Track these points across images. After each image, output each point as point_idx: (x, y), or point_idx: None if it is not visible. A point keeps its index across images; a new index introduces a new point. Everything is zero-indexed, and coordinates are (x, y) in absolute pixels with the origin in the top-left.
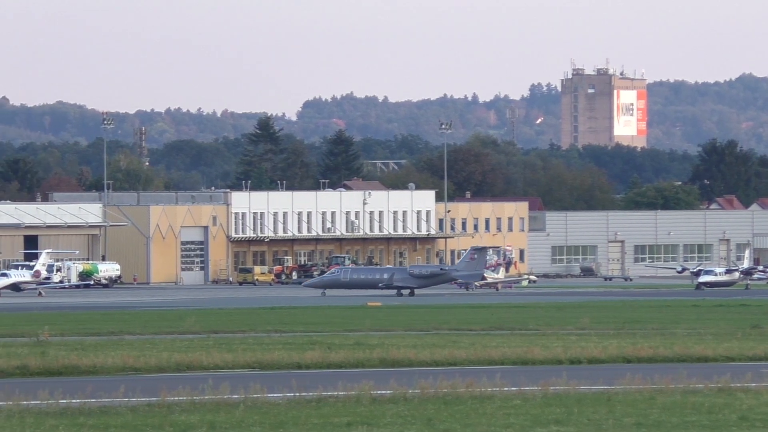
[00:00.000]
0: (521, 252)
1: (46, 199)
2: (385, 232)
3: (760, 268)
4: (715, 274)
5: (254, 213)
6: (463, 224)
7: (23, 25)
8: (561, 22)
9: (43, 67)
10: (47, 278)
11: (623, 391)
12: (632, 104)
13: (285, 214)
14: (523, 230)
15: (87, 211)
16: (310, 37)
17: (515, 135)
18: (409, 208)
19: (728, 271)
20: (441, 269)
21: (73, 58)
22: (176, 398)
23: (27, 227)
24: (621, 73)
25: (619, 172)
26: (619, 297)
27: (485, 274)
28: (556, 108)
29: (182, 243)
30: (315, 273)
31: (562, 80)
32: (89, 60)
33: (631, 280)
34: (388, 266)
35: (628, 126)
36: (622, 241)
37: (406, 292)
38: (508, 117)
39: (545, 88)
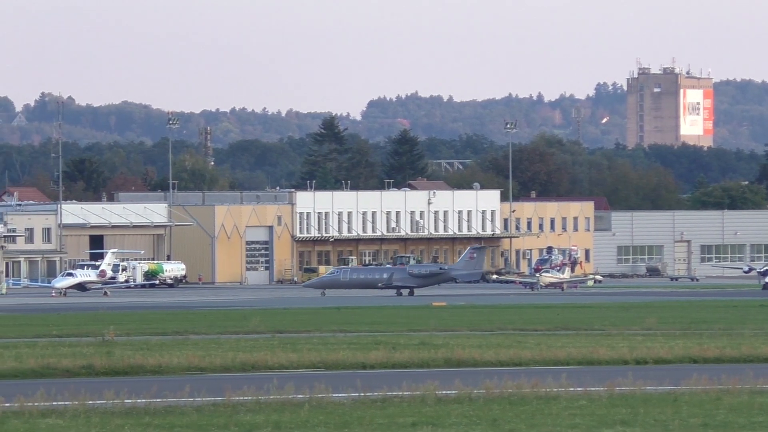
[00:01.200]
0: (587, 252)
1: (111, 199)
2: (450, 232)
3: None
4: None
5: (319, 213)
6: (528, 224)
7: (89, 26)
8: (627, 21)
9: (109, 68)
10: (113, 278)
11: (689, 391)
12: (698, 103)
13: (349, 213)
14: (588, 230)
15: (152, 211)
16: (375, 36)
17: (581, 134)
18: (473, 208)
19: None
20: (440, 269)
21: (139, 58)
22: (241, 398)
23: (92, 227)
24: (687, 72)
25: (685, 171)
26: (686, 297)
27: (551, 274)
28: (621, 107)
29: (247, 243)
30: None
31: (628, 79)
32: (155, 60)
33: (697, 280)
34: (387, 266)
35: (694, 125)
36: (689, 241)
37: (405, 292)
38: (573, 116)
39: (611, 88)
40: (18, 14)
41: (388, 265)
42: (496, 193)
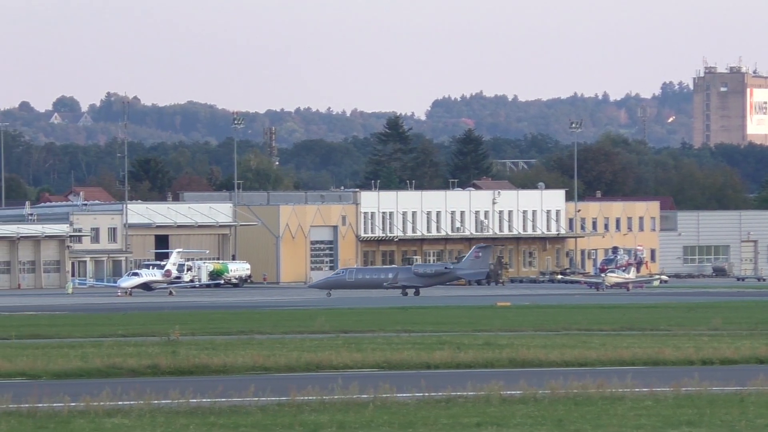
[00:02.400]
0: (652, 252)
1: (176, 198)
2: (515, 232)
3: None
4: None
5: (383, 212)
6: (594, 224)
7: (154, 26)
8: (693, 20)
9: (174, 68)
10: (178, 278)
11: (756, 392)
12: (765, 102)
13: (414, 213)
14: (654, 230)
15: (217, 211)
16: (439, 36)
17: (646, 134)
18: (538, 208)
19: None
20: (446, 268)
21: (204, 58)
22: (306, 398)
23: (158, 227)
24: (754, 71)
25: (752, 171)
26: (752, 297)
27: (617, 275)
28: (688, 107)
29: (311, 242)
30: None
31: (694, 78)
32: (219, 60)
33: (764, 280)
34: (392, 266)
35: (761, 125)
36: (755, 241)
37: (411, 291)
38: (639, 116)
39: (677, 87)
40: (83, 15)
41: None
42: (561, 193)
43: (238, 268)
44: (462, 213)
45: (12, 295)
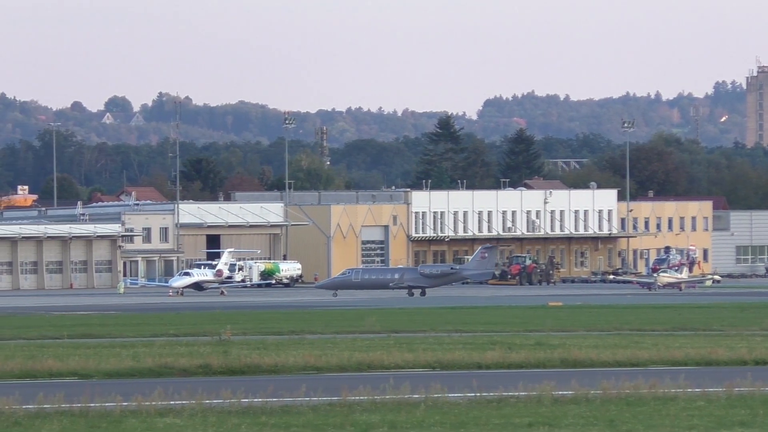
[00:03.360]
0: (705, 252)
1: (228, 198)
2: (567, 232)
3: None
4: None
5: (434, 212)
6: (646, 223)
7: (205, 26)
8: (746, 19)
9: (226, 68)
10: (229, 277)
11: None
12: None
13: (465, 213)
14: (706, 230)
15: (268, 211)
16: (490, 36)
17: (699, 133)
18: (590, 208)
19: None
20: (452, 268)
21: (255, 58)
22: (357, 398)
23: (209, 227)
24: None
25: None
26: None
27: (669, 274)
28: (741, 106)
29: (363, 242)
30: (495, 272)
31: (747, 78)
32: (271, 60)
33: None
34: (398, 266)
35: None
36: None
37: (417, 292)
38: (692, 115)
39: (730, 86)
40: (136, 15)
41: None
42: (613, 193)
43: (289, 268)
44: (513, 213)
45: (64, 295)
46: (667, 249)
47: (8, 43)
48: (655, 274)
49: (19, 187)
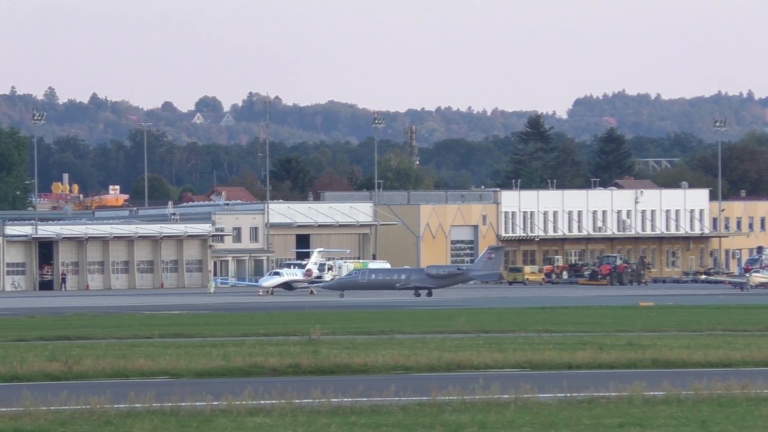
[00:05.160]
0: None
1: (317, 198)
2: (658, 232)
3: None
4: None
5: (524, 212)
6: (738, 223)
7: (295, 27)
8: None
9: (315, 68)
10: (319, 277)
11: None
12: None
13: (555, 213)
14: None
15: (358, 210)
16: (581, 35)
17: None
18: (682, 207)
19: None
20: (458, 269)
21: (345, 58)
22: (447, 398)
23: (299, 226)
24: None
25: None
26: None
27: (762, 274)
28: None
29: (452, 242)
30: (585, 272)
31: None
32: (360, 59)
33: None
34: (405, 267)
35: None
36: None
37: (424, 292)
38: None
39: None
40: (226, 16)
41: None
42: (704, 192)
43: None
44: (604, 212)
45: (155, 295)
46: (760, 249)
47: (100, 44)
48: (747, 274)
49: (111, 186)
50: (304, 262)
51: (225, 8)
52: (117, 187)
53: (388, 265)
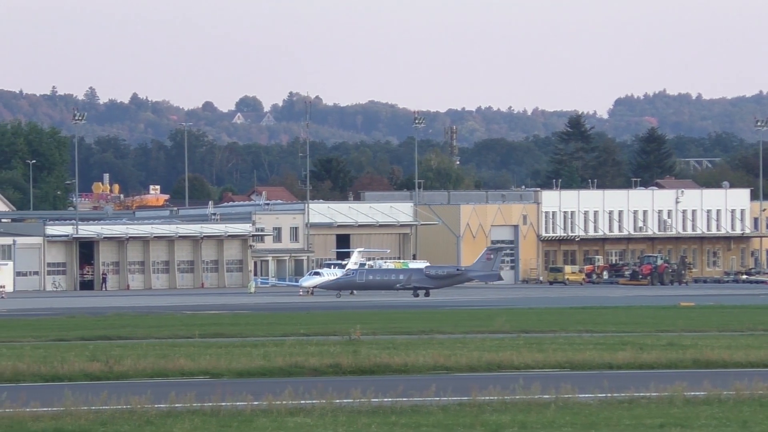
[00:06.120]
0: None
1: (357, 198)
2: (698, 232)
3: None
4: None
5: (564, 212)
6: None
7: (334, 27)
8: None
9: (356, 67)
10: None
11: None
12: None
13: (596, 213)
14: None
15: (398, 210)
16: (621, 34)
17: None
18: (723, 207)
19: None
20: (457, 270)
21: (384, 58)
22: (487, 398)
23: (339, 226)
24: None
25: None
26: None
27: None
28: None
29: (492, 242)
30: (626, 272)
31: None
32: (400, 59)
33: None
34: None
35: None
36: None
37: (422, 293)
38: None
39: None
40: (266, 16)
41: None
42: (746, 192)
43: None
44: (644, 212)
45: (195, 294)
46: None
47: (141, 44)
48: None
49: (151, 186)
50: (344, 262)
51: (266, 9)
52: (157, 187)
53: (427, 266)
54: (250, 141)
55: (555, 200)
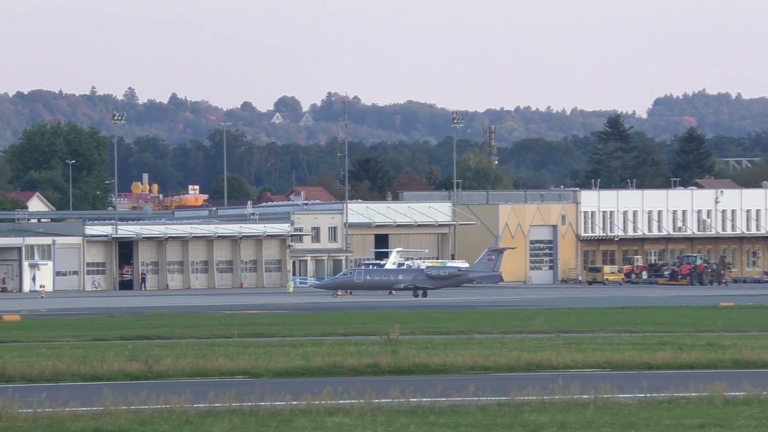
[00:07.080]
0: None
1: (396, 197)
2: (738, 231)
3: None
4: None
5: (603, 212)
6: None
7: (373, 27)
8: None
9: (394, 67)
10: None
11: None
12: None
13: (635, 212)
14: None
15: (436, 210)
16: (661, 34)
17: None
18: (762, 207)
19: None
20: (458, 270)
21: (423, 57)
22: (526, 398)
23: (377, 226)
24: None
25: None
26: None
27: None
28: None
29: (531, 242)
30: (665, 272)
31: None
32: (439, 59)
33: None
34: (404, 267)
35: None
36: None
37: (420, 293)
38: None
39: None
40: (305, 16)
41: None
42: None
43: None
44: (684, 212)
45: (234, 294)
46: None
47: (180, 44)
48: None
49: (190, 186)
50: (382, 262)
51: (305, 9)
52: (196, 187)
53: (467, 265)
54: (289, 141)
55: (594, 200)
